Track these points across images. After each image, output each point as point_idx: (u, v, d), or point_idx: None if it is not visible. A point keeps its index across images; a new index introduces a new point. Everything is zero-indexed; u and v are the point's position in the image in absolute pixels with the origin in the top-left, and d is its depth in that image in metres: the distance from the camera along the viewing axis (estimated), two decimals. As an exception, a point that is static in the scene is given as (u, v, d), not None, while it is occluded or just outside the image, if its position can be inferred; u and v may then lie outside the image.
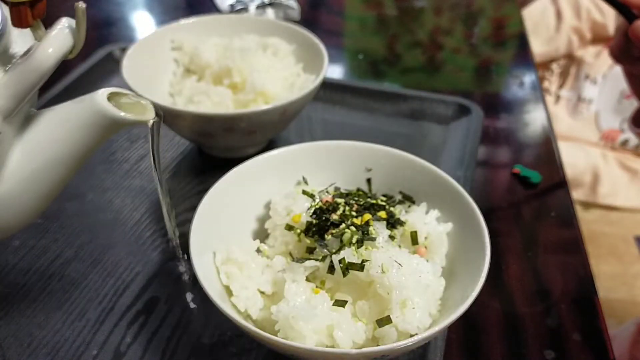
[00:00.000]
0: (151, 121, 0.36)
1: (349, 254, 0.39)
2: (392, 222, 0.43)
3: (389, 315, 0.37)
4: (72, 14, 0.33)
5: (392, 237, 0.42)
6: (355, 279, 0.40)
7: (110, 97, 0.34)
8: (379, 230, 0.42)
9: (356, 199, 0.45)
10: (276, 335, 0.37)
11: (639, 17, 0.53)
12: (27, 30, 0.34)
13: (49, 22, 0.34)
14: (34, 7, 0.33)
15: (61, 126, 0.34)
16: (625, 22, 0.54)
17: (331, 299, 0.40)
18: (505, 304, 0.51)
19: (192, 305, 0.49)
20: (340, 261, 0.39)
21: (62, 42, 0.32)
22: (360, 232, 0.41)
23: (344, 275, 0.39)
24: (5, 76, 0.32)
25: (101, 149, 0.67)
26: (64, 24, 0.33)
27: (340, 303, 0.39)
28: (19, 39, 0.35)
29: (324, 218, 0.43)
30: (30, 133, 0.34)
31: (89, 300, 0.49)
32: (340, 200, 0.44)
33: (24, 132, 0.34)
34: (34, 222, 0.36)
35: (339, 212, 0.43)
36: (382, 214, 0.43)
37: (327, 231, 0.42)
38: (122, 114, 0.34)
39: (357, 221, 0.42)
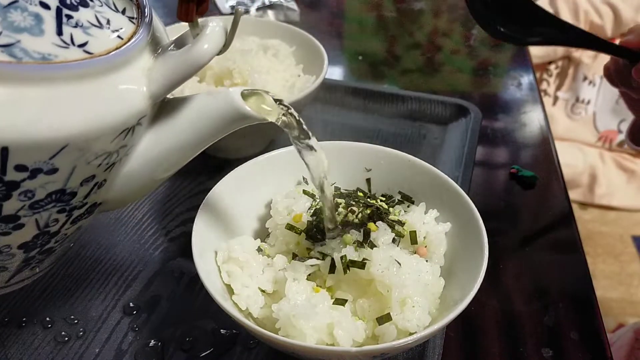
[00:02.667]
0: (273, 120, 0.38)
1: (350, 252, 0.40)
2: (392, 225, 0.44)
3: (389, 313, 0.38)
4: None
5: (394, 240, 0.43)
6: (355, 278, 0.40)
7: (244, 94, 0.36)
8: (381, 232, 0.42)
9: (356, 200, 0.46)
10: (277, 334, 0.37)
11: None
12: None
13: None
14: (200, 4, 0.35)
15: (193, 116, 0.36)
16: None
17: (332, 298, 0.40)
18: (503, 303, 0.51)
19: (194, 304, 0.49)
20: (341, 258, 0.40)
21: (218, 40, 0.34)
22: (361, 234, 0.42)
23: (345, 272, 0.40)
24: (158, 63, 0.34)
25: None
26: (218, 23, 0.35)
27: (341, 302, 0.40)
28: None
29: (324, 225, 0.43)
30: (161, 119, 0.36)
31: (91, 299, 0.49)
32: (341, 201, 0.45)
33: (156, 117, 0.36)
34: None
35: (340, 217, 0.43)
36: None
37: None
38: (254, 113, 0.36)
39: (358, 221, 0.43)
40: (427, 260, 0.42)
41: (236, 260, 0.42)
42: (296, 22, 0.99)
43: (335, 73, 0.90)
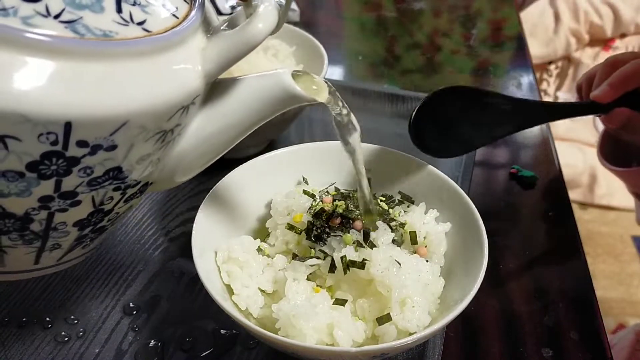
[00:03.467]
0: (324, 100, 0.38)
1: (350, 252, 0.40)
2: (391, 226, 0.44)
3: (389, 313, 0.38)
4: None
5: (394, 240, 0.43)
6: (355, 278, 0.40)
7: (294, 75, 0.37)
8: (381, 232, 0.42)
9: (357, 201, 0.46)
10: (277, 334, 0.37)
11: (605, 108, 0.53)
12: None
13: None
14: None
15: (244, 97, 0.36)
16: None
17: (331, 297, 0.40)
18: (503, 303, 0.51)
19: (194, 304, 0.49)
20: (341, 258, 0.40)
21: (272, 19, 0.34)
22: (360, 234, 0.42)
23: (345, 272, 0.40)
24: (212, 43, 0.34)
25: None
26: (271, 3, 0.35)
27: (341, 302, 0.40)
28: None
29: (325, 224, 0.43)
30: (212, 99, 0.36)
31: (91, 299, 0.49)
32: (341, 203, 0.45)
33: (207, 98, 0.36)
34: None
35: (337, 221, 0.43)
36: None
37: (329, 235, 0.42)
38: (304, 93, 0.36)
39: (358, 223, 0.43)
40: (427, 260, 0.42)
41: (236, 260, 0.42)
42: (296, 22, 0.99)
43: (335, 73, 0.90)
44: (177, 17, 0.33)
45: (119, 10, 0.30)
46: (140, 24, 0.31)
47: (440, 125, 0.48)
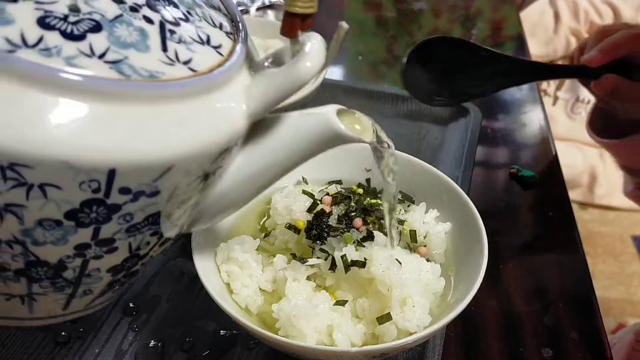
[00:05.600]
0: (369, 140, 0.37)
1: (351, 251, 0.40)
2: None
3: (389, 313, 0.38)
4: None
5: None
6: (355, 277, 0.40)
7: (337, 113, 0.35)
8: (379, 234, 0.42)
9: (356, 199, 0.46)
10: (277, 333, 0.37)
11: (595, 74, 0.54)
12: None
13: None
14: (305, 20, 0.33)
15: (286, 136, 0.34)
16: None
17: (331, 296, 0.40)
18: (503, 303, 0.51)
19: (194, 304, 0.49)
20: (342, 257, 0.40)
21: (319, 58, 0.32)
22: (360, 234, 0.42)
23: (346, 271, 0.40)
24: (256, 81, 0.32)
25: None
26: (318, 39, 0.33)
27: (341, 302, 0.40)
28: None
29: (324, 225, 0.43)
30: (254, 138, 0.35)
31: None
32: (341, 205, 0.45)
33: (248, 136, 0.34)
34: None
35: (334, 219, 0.43)
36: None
37: (328, 235, 0.42)
38: (350, 132, 0.34)
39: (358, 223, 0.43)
40: (427, 260, 0.42)
41: (235, 260, 0.42)
42: (296, 22, 0.99)
43: (335, 73, 0.90)
44: (222, 55, 0.31)
45: (165, 48, 0.28)
46: (186, 63, 0.29)
47: (432, 72, 0.47)
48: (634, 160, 0.65)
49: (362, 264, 0.39)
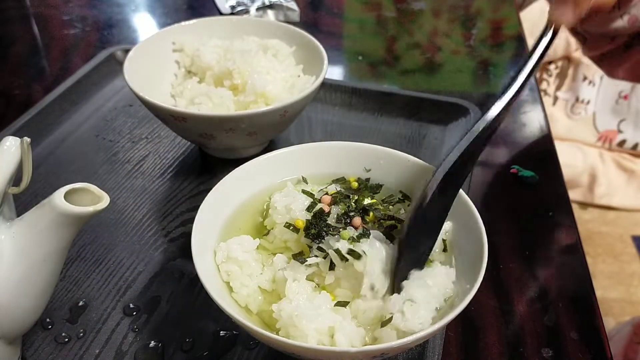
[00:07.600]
0: (105, 206, 0.37)
1: (346, 246, 0.40)
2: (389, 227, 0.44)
3: (391, 318, 0.38)
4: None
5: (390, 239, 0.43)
6: (356, 275, 0.40)
7: (68, 194, 0.36)
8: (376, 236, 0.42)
9: (356, 198, 0.46)
10: (277, 334, 0.37)
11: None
12: None
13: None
14: None
15: (30, 233, 0.36)
16: None
17: (331, 295, 0.40)
18: (503, 303, 0.51)
19: (194, 304, 0.49)
20: (336, 251, 0.40)
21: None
22: (358, 232, 0.42)
23: (342, 261, 0.39)
24: None
25: (103, 149, 0.68)
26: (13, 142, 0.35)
27: (343, 303, 0.40)
28: None
29: (323, 224, 0.43)
30: (8, 244, 0.36)
31: (91, 299, 0.49)
32: (340, 205, 0.45)
33: (5, 244, 0.36)
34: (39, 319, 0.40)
35: (333, 219, 0.43)
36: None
37: (327, 234, 0.42)
38: (80, 209, 0.35)
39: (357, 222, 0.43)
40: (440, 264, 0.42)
41: (235, 260, 0.43)
42: (296, 22, 0.99)
43: (335, 73, 0.90)
44: None
45: None
46: None
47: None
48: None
49: (357, 255, 0.39)
